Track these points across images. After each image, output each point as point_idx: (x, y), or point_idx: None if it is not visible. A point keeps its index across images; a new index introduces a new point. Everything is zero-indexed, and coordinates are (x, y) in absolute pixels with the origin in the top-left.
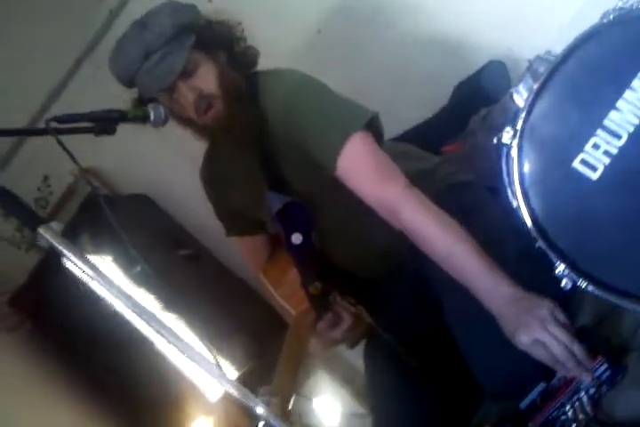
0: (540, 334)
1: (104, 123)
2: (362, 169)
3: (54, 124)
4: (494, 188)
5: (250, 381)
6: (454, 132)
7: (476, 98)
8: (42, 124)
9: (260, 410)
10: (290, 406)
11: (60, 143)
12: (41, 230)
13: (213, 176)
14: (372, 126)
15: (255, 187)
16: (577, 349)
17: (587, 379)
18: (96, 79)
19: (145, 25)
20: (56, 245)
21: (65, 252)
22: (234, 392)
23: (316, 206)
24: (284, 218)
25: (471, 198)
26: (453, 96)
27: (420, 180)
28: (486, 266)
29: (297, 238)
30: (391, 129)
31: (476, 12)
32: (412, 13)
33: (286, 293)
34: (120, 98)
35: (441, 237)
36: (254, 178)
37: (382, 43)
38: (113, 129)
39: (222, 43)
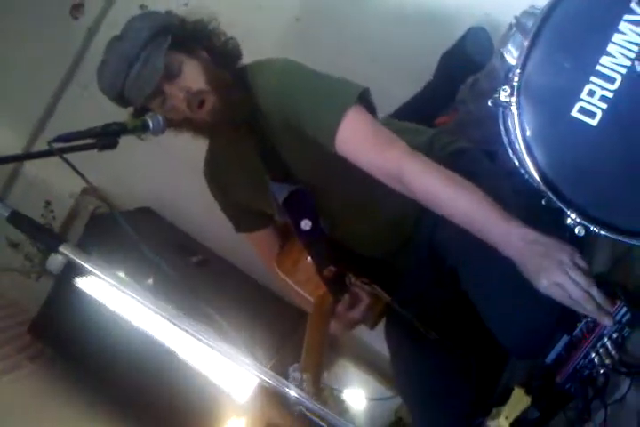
0: (560, 277)
1: (105, 137)
2: (360, 140)
3: (57, 145)
4: (492, 151)
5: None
6: (445, 104)
7: (463, 66)
8: (40, 147)
9: (294, 392)
10: (321, 384)
11: (68, 162)
12: (62, 249)
13: (216, 174)
14: (364, 100)
15: (258, 179)
16: (596, 292)
17: (608, 323)
18: (84, 98)
19: (122, 36)
20: (78, 261)
21: (89, 267)
22: (269, 379)
23: (320, 190)
24: (291, 206)
25: (471, 163)
26: (439, 68)
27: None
28: (496, 212)
29: (306, 224)
30: (382, 108)
31: None
32: None
33: (302, 280)
34: (112, 113)
35: (447, 191)
36: (256, 170)
37: (359, 23)
38: (115, 142)
39: (200, 39)
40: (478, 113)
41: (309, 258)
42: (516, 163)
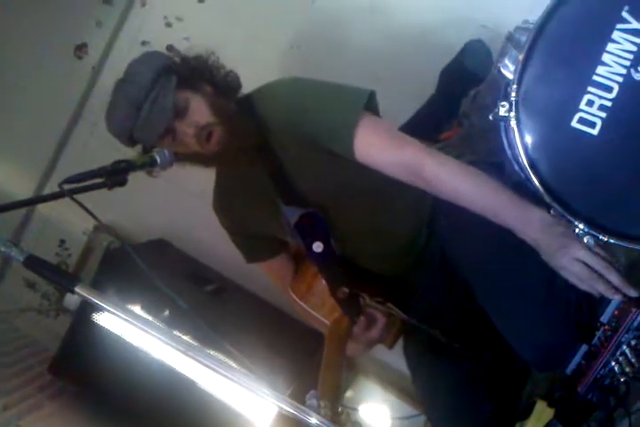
0: (581, 252)
1: (114, 175)
2: (378, 141)
3: (67, 186)
4: (499, 163)
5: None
6: (448, 118)
7: (463, 80)
8: (52, 188)
9: (314, 419)
10: (339, 409)
11: (79, 203)
12: (78, 289)
13: (226, 205)
14: (371, 103)
15: (270, 204)
16: (618, 266)
17: (635, 294)
18: (93, 135)
19: (127, 79)
20: (95, 301)
21: (105, 306)
22: (287, 407)
23: (333, 211)
24: (303, 229)
25: None
26: (440, 83)
27: None
28: (513, 198)
29: (318, 247)
30: None
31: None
32: (382, 13)
33: (317, 304)
34: (122, 148)
35: (467, 181)
36: (268, 195)
37: (359, 44)
38: (124, 180)
39: (203, 75)
40: (481, 126)
41: (323, 281)
42: (522, 176)
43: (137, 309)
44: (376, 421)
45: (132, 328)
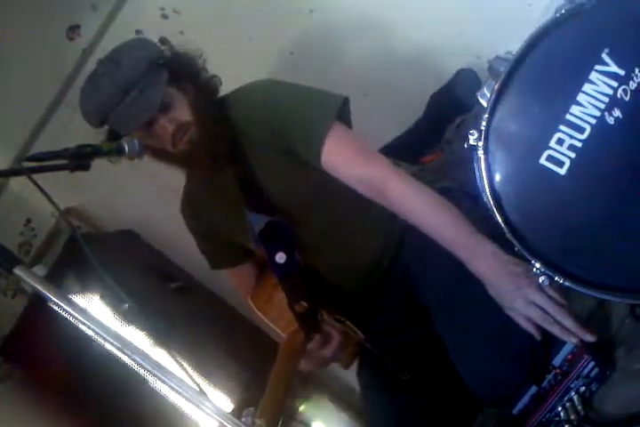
0: (537, 295)
1: (78, 159)
2: (346, 153)
3: (28, 164)
4: (474, 194)
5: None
6: (432, 143)
7: (451, 107)
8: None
9: None
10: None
11: (35, 182)
12: (17, 271)
13: (194, 209)
14: (343, 111)
15: (236, 210)
16: (569, 311)
17: (591, 338)
18: (73, 120)
19: (117, 61)
20: (34, 285)
21: (43, 292)
22: (222, 420)
23: (298, 220)
24: (267, 238)
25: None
26: (429, 107)
27: None
28: (468, 228)
29: (281, 258)
30: (370, 143)
31: (438, 24)
32: (380, 31)
33: (275, 316)
34: (99, 138)
35: (424, 204)
36: (235, 201)
37: (353, 58)
38: (88, 165)
39: (189, 75)
40: (462, 154)
41: (282, 293)
42: (488, 208)
43: (96, 298)
44: None
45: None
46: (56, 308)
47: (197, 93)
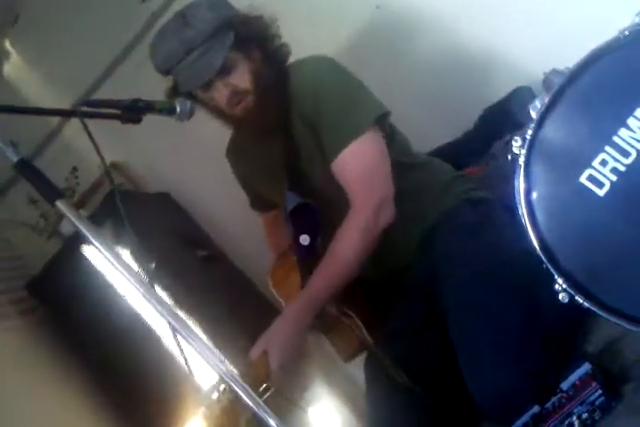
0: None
1: (131, 112)
2: (357, 170)
3: (83, 108)
4: (512, 207)
5: None
6: (478, 156)
7: (503, 123)
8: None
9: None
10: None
11: (85, 127)
12: (59, 204)
13: (237, 158)
14: (382, 122)
15: (277, 183)
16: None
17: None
18: (135, 76)
19: (186, 19)
20: (72, 219)
21: (82, 229)
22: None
23: (332, 208)
24: (296, 218)
25: (489, 214)
26: (480, 120)
27: (432, 188)
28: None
29: (304, 240)
30: (416, 146)
31: (514, 35)
32: (447, 31)
33: (287, 294)
34: (156, 96)
35: (342, 257)
36: (276, 173)
37: (413, 61)
38: (139, 118)
39: (258, 40)
40: (506, 170)
41: (299, 274)
42: (523, 222)
43: (126, 253)
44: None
45: (107, 263)
46: (90, 247)
47: (262, 61)
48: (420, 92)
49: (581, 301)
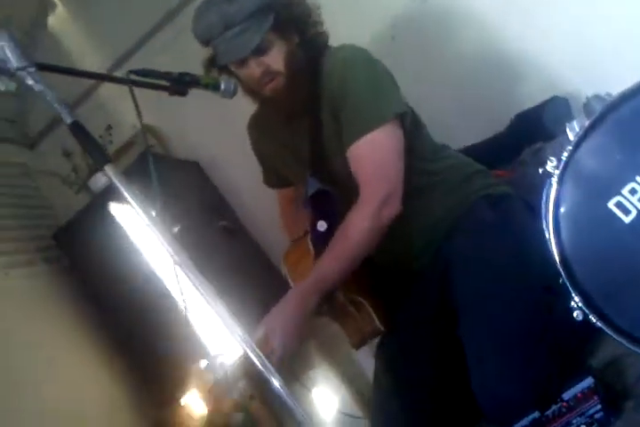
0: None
1: (178, 84)
2: (371, 162)
3: (133, 76)
4: (533, 206)
5: None
6: (505, 160)
7: (535, 131)
8: (120, 73)
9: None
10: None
11: (133, 94)
12: (107, 169)
13: (259, 133)
14: (401, 119)
15: (299, 166)
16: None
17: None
18: (174, 43)
19: None
20: (116, 183)
21: (125, 192)
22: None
23: (351, 197)
24: (316, 203)
25: (508, 213)
26: (512, 125)
27: (452, 180)
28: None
29: (321, 226)
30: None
31: (556, 45)
32: (490, 33)
33: (298, 278)
34: (192, 66)
35: (353, 243)
36: (300, 156)
37: (452, 55)
38: (185, 91)
39: (297, 25)
40: (533, 179)
41: (312, 258)
42: (547, 235)
43: (152, 214)
44: (323, 407)
45: (139, 227)
46: (124, 213)
47: (299, 45)
48: (453, 88)
49: (594, 321)
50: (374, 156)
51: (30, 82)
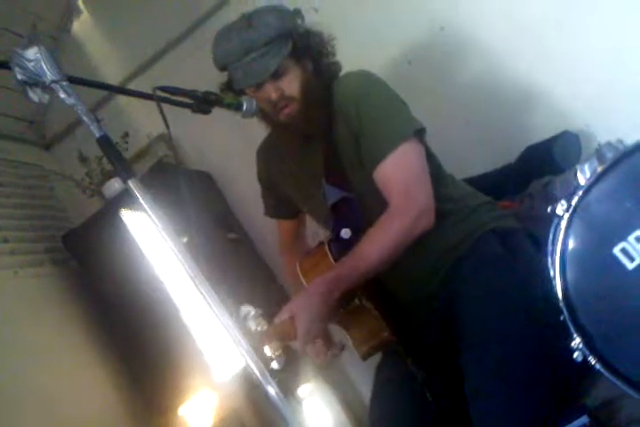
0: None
1: (202, 103)
2: (397, 179)
3: (159, 93)
4: (538, 238)
5: None
6: (512, 192)
7: (544, 164)
8: (136, 85)
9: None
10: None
11: (161, 111)
12: (131, 183)
13: (269, 156)
14: (419, 136)
15: (313, 179)
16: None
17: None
18: (192, 58)
19: (252, 22)
20: (139, 197)
21: (146, 207)
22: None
23: (370, 207)
24: (338, 212)
25: (516, 248)
26: (522, 157)
27: (459, 212)
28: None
29: (346, 233)
30: (454, 171)
31: (567, 82)
32: (504, 64)
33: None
34: (208, 81)
35: (375, 254)
36: (315, 171)
37: (464, 83)
38: (209, 110)
39: (313, 54)
40: (540, 213)
41: (327, 265)
42: (551, 273)
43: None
44: (315, 418)
45: (150, 235)
46: (149, 221)
47: (313, 73)
48: (464, 118)
49: (593, 362)
50: (400, 176)
51: (63, 95)
